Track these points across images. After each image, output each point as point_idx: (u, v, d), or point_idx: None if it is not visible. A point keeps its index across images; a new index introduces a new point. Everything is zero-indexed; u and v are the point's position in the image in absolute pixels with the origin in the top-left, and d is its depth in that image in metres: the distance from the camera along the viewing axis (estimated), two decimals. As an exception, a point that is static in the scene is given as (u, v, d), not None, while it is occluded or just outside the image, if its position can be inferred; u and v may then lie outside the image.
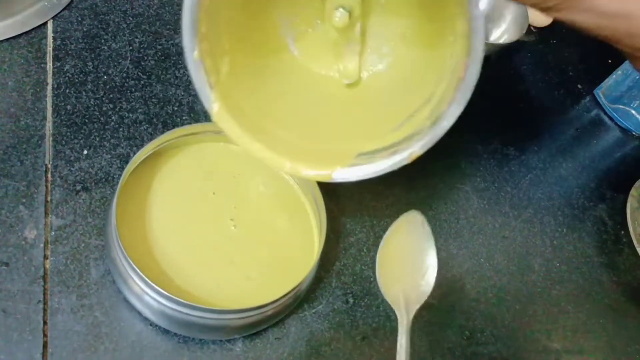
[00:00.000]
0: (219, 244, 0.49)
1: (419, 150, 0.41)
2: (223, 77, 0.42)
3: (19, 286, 0.46)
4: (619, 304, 0.61)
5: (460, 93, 0.38)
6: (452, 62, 0.41)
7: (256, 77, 0.47)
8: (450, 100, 0.39)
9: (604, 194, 0.69)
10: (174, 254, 0.48)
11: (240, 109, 0.44)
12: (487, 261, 0.60)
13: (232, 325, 0.45)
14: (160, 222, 0.49)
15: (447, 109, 0.39)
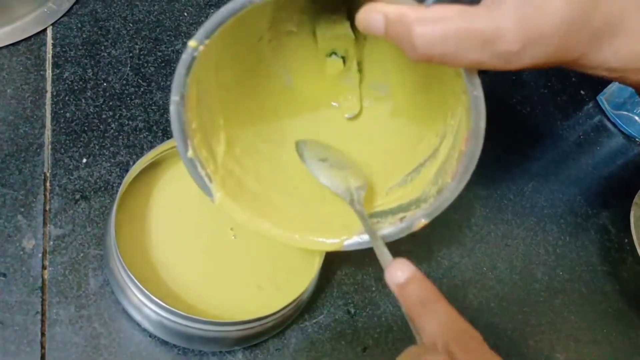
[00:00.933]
0: (218, 254, 0.49)
1: (425, 220, 0.41)
2: (220, 159, 0.43)
3: (16, 297, 0.46)
4: (622, 313, 0.61)
5: (462, 167, 0.38)
6: (453, 122, 0.41)
7: (254, 142, 0.46)
8: (453, 174, 0.39)
9: (607, 202, 0.68)
10: (173, 264, 0.47)
11: (242, 184, 0.44)
12: (489, 270, 0.59)
13: (232, 337, 0.45)
14: (159, 231, 0.48)
15: (451, 182, 0.39)
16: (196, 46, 0.34)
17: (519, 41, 0.31)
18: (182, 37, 0.62)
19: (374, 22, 0.32)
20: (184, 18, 0.64)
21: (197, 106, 0.39)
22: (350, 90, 0.48)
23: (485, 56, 0.31)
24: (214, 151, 0.43)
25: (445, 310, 0.33)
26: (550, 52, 0.31)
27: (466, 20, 0.30)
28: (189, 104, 0.38)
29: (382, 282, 0.54)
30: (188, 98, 0.37)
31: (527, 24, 0.31)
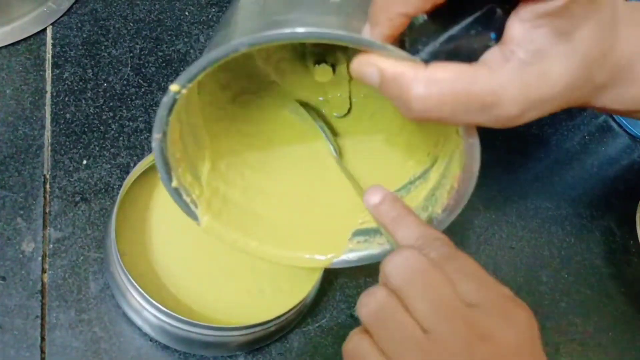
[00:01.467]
0: (220, 257, 0.48)
1: None
2: (205, 178, 0.43)
3: (16, 301, 0.45)
4: (628, 315, 0.60)
5: (453, 201, 0.38)
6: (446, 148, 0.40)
7: (240, 152, 0.46)
8: (443, 206, 0.39)
9: (613, 203, 0.68)
10: (174, 268, 0.47)
11: (228, 201, 0.44)
12: (494, 273, 0.58)
13: (234, 341, 0.44)
14: (160, 235, 0.48)
15: (440, 214, 0.40)
16: (178, 90, 0.33)
17: (519, 107, 0.30)
18: (183, 37, 0.62)
19: (368, 75, 0.31)
20: (185, 17, 0.63)
21: (180, 136, 0.39)
22: (339, 88, 0.47)
23: (482, 119, 0.30)
24: (199, 172, 0.43)
25: (414, 221, 0.35)
26: (550, 110, 0.31)
27: (465, 83, 0.29)
28: (172, 137, 0.37)
29: (386, 285, 0.54)
30: (171, 133, 0.36)
31: (529, 90, 0.30)
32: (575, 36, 0.29)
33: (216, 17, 0.64)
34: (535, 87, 0.30)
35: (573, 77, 0.30)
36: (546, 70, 0.30)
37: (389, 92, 0.30)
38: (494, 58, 0.30)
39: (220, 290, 0.47)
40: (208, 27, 0.63)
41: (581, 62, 0.30)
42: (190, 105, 0.40)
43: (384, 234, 0.37)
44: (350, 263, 0.44)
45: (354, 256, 0.44)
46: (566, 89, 0.30)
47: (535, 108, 0.31)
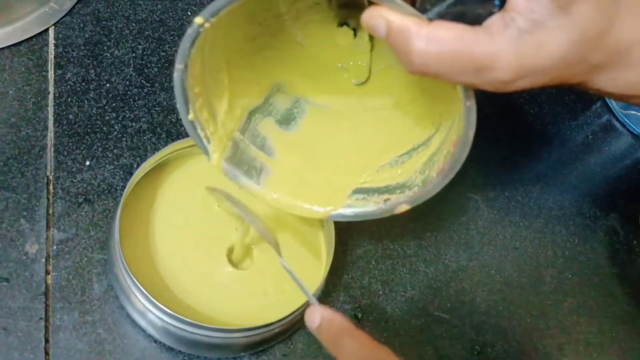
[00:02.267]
0: (224, 259, 0.48)
1: (406, 206, 0.44)
2: (221, 118, 0.44)
3: (19, 303, 0.45)
4: (632, 316, 0.60)
5: (448, 165, 0.40)
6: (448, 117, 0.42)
7: (257, 101, 0.47)
8: (438, 169, 0.41)
9: (616, 203, 0.68)
10: (178, 269, 0.47)
11: (239, 145, 0.45)
12: (497, 273, 0.58)
13: (239, 343, 0.44)
14: (164, 236, 0.48)
15: (435, 177, 0.41)
16: (202, 23, 0.34)
17: (513, 73, 0.31)
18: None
19: (377, 26, 0.32)
20: (188, 17, 0.63)
21: (201, 71, 0.40)
22: (360, 56, 0.48)
23: (477, 80, 0.32)
24: (216, 110, 0.44)
25: (350, 345, 0.36)
26: (544, 81, 0.32)
27: (464, 44, 0.31)
28: (192, 71, 0.38)
29: (389, 287, 0.54)
30: (192, 66, 0.37)
31: (524, 58, 0.31)
32: (574, 11, 0.30)
33: (219, 17, 0.64)
34: (531, 56, 0.31)
35: (567, 51, 0.31)
36: (542, 41, 0.30)
37: (393, 44, 0.32)
38: (495, 24, 0.31)
39: (224, 292, 0.47)
40: (210, 27, 0.63)
41: (577, 38, 0.31)
42: (214, 44, 0.40)
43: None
44: (346, 218, 0.46)
45: (351, 212, 0.45)
46: (560, 62, 0.31)
47: (528, 76, 0.31)
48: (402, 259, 0.56)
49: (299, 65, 0.48)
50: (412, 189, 0.44)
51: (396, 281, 0.55)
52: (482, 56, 0.31)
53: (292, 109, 0.49)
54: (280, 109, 0.48)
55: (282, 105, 0.48)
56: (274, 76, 0.48)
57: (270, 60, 0.47)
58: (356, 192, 0.46)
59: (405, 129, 0.47)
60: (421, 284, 0.55)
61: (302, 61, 0.48)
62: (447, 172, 0.40)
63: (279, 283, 0.48)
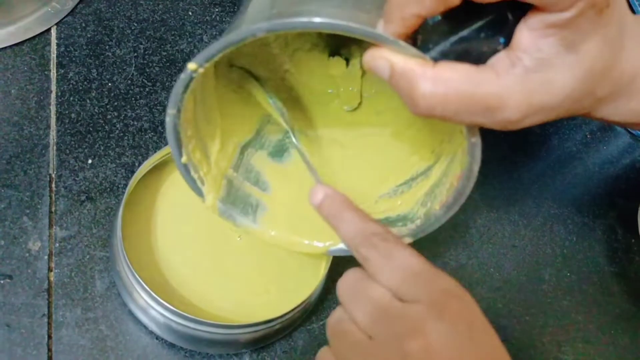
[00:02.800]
0: (226, 256, 0.48)
1: (410, 239, 0.42)
2: (214, 157, 0.44)
3: (22, 299, 0.45)
4: (630, 314, 0.60)
5: (452, 199, 0.39)
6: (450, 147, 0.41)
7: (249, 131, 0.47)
8: (442, 203, 0.40)
9: (615, 202, 0.68)
10: (180, 266, 0.47)
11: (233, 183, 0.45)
12: (496, 271, 0.59)
13: (240, 339, 0.45)
14: (166, 233, 0.48)
15: (438, 210, 0.40)
16: (195, 69, 0.34)
17: (521, 112, 0.31)
18: (186, 37, 0.62)
19: (379, 68, 0.31)
20: (189, 17, 0.63)
21: (193, 113, 0.39)
22: (351, 82, 0.48)
23: (485, 121, 0.31)
24: (209, 150, 0.43)
25: (353, 218, 0.36)
26: (552, 117, 0.32)
27: (471, 85, 0.30)
28: (185, 114, 0.38)
29: (389, 284, 0.54)
30: (184, 110, 0.37)
31: (532, 97, 0.31)
32: (581, 48, 0.30)
33: (219, 17, 0.64)
34: (538, 94, 0.31)
35: (575, 88, 0.31)
36: (550, 79, 0.30)
37: (397, 86, 0.31)
38: (501, 63, 0.30)
39: (225, 289, 0.47)
40: (211, 27, 0.64)
41: (584, 75, 0.31)
42: (205, 84, 0.40)
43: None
44: (347, 252, 0.44)
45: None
46: (567, 98, 0.31)
47: (537, 114, 0.31)
48: (402, 257, 0.56)
49: (288, 93, 0.48)
50: (414, 222, 0.43)
51: (396, 279, 0.55)
52: (489, 97, 0.30)
53: (284, 140, 0.48)
54: (272, 141, 0.48)
55: (273, 137, 0.48)
56: (263, 107, 0.48)
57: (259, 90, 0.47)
58: None
59: (403, 157, 0.47)
60: (421, 282, 0.55)
61: (291, 90, 0.48)
62: (450, 205, 0.39)
63: (281, 280, 0.49)
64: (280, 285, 0.48)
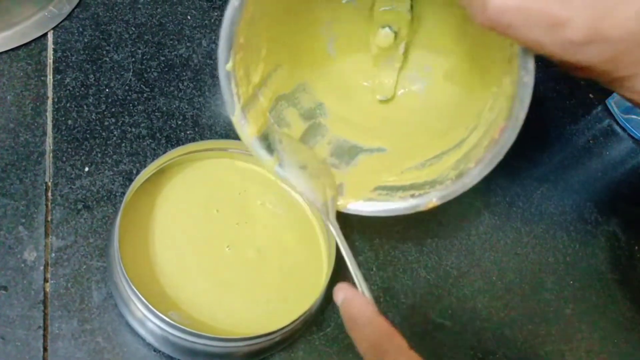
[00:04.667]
0: (225, 266, 0.48)
1: (437, 201, 0.41)
2: (252, 88, 0.43)
3: (18, 311, 0.44)
4: (634, 322, 0.60)
5: (490, 154, 0.38)
6: (489, 115, 0.40)
7: (285, 86, 0.47)
8: (478, 159, 0.39)
9: (617, 207, 0.67)
10: (178, 277, 0.46)
11: (264, 116, 0.45)
12: (498, 279, 0.58)
13: (239, 352, 0.44)
14: (164, 243, 0.47)
15: (473, 167, 0.39)
16: None
17: (584, 34, 0.32)
18: (185, 41, 0.61)
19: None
20: (187, 21, 0.63)
21: (249, 25, 0.39)
22: (388, 74, 0.48)
23: (547, 39, 0.32)
24: (249, 77, 0.43)
25: (370, 325, 0.37)
26: (607, 57, 0.32)
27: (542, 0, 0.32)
28: (245, 14, 0.37)
29: (390, 293, 0.54)
30: (245, 8, 0.37)
31: (598, 19, 0.31)
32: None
33: (218, 21, 0.64)
34: (605, 20, 0.31)
35: (636, 31, 0.32)
36: (616, 10, 0.31)
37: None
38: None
39: (224, 301, 0.46)
40: (210, 31, 0.63)
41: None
42: (262, 10, 0.40)
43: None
44: (364, 212, 0.44)
45: (372, 207, 0.44)
46: (627, 35, 0.32)
47: (597, 43, 0.32)
48: (403, 266, 0.56)
49: (326, 75, 0.48)
50: (443, 184, 0.42)
51: (397, 288, 0.54)
52: (558, 11, 0.31)
53: (316, 110, 0.49)
54: (305, 106, 0.48)
55: (306, 103, 0.48)
56: (302, 74, 0.48)
57: (300, 57, 0.47)
58: (379, 189, 0.45)
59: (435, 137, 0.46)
60: (422, 291, 0.55)
61: (329, 73, 0.48)
62: (488, 161, 0.38)
63: (280, 291, 0.48)
64: (281, 296, 0.48)
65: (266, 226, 0.50)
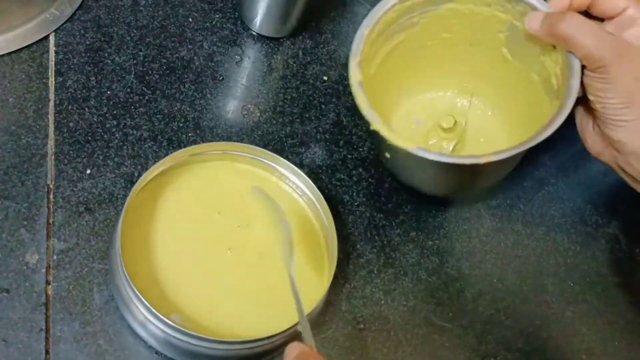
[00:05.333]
0: (226, 270, 0.48)
1: (494, 157, 0.46)
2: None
3: (20, 314, 0.45)
4: (634, 325, 0.60)
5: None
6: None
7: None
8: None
9: (618, 210, 0.67)
10: (180, 280, 0.47)
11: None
12: (499, 282, 0.58)
13: (241, 355, 0.44)
14: (165, 246, 0.47)
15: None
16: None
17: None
18: (186, 43, 0.61)
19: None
20: (189, 24, 0.63)
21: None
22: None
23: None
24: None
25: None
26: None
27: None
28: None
29: (391, 296, 0.54)
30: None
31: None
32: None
33: (220, 23, 0.64)
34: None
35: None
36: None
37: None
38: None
39: (226, 303, 0.46)
40: (212, 34, 0.63)
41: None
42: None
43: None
44: (430, 157, 0.46)
45: (439, 156, 0.47)
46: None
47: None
48: (404, 268, 0.56)
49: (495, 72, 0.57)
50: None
51: (398, 290, 0.54)
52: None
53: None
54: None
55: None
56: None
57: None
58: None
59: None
60: (423, 293, 0.55)
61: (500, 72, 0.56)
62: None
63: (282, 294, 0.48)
64: (282, 299, 0.48)
65: (268, 229, 0.50)
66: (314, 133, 0.60)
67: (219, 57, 0.62)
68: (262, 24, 0.63)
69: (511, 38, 0.55)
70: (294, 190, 0.53)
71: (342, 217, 0.56)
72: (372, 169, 0.60)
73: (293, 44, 0.65)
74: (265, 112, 0.60)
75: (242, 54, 0.63)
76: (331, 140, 0.60)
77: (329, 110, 0.62)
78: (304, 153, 0.59)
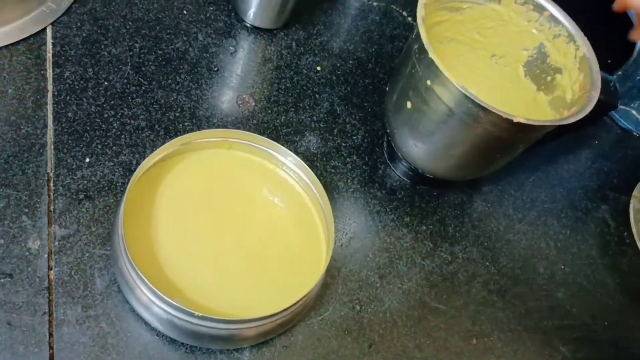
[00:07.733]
0: (226, 251, 0.49)
1: (523, 120, 0.47)
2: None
3: (23, 298, 0.45)
4: (623, 305, 0.61)
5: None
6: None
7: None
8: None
9: (607, 195, 0.69)
10: (181, 263, 0.47)
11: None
12: (492, 265, 0.59)
13: (242, 334, 0.45)
14: (166, 230, 0.48)
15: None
16: None
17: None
18: (181, 35, 0.62)
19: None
20: (184, 16, 0.64)
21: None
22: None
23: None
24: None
25: None
26: None
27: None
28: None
29: (386, 279, 0.55)
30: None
31: None
32: None
33: (214, 15, 0.65)
34: None
35: None
36: None
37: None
38: None
39: (227, 284, 0.47)
40: (206, 25, 0.64)
41: None
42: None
43: None
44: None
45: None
46: None
47: None
48: (399, 252, 0.57)
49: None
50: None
51: (393, 274, 0.56)
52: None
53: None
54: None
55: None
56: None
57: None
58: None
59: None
60: (418, 276, 0.56)
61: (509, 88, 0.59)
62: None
63: (281, 276, 0.49)
64: (281, 280, 0.49)
65: (266, 213, 0.51)
66: (309, 122, 0.61)
67: (213, 49, 0.63)
68: (256, 15, 0.64)
69: (534, 57, 0.57)
70: (291, 177, 0.54)
71: (337, 203, 0.57)
72: (366, 157, 0.61)
73: (286, 35, 0.67)
74: (260, 102, 0.61)
75: (237, 45, 0.64)
76: (325, 129, 0.61)
77: (322, 100, 0.63)
78: (298, 141, 0.60)
